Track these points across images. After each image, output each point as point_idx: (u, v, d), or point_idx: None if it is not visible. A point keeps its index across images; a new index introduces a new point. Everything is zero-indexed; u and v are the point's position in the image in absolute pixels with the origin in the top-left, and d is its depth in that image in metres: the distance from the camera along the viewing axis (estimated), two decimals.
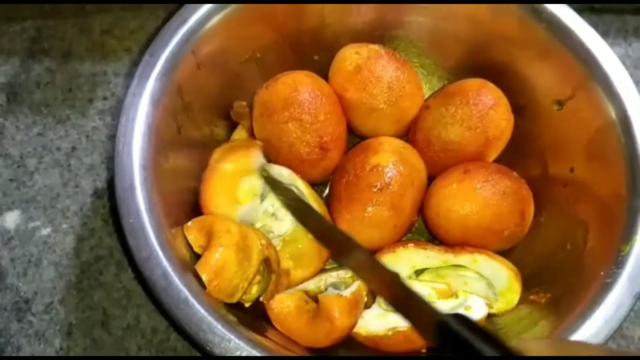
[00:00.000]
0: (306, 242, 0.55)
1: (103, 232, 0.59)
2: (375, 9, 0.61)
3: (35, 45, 0.67)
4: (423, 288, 0.53)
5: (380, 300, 0.53)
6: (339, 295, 0.49)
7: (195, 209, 0.53)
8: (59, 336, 0.55)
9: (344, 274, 0.54)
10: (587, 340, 0.45)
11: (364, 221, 0.53)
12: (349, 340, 0.51)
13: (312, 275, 0.55)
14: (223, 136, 0.60)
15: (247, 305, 0.50)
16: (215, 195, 0.52)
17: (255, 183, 0.54)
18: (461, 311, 0.51)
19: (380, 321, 0.51)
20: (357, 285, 0.51)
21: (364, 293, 0.52)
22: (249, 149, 0.55)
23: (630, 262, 0.47)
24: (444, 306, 0.52)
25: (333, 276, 0.54)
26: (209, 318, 0.43)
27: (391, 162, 0.54)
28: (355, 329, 0.51)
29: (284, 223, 0.56)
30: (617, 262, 0.47)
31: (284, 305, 0.51)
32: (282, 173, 0.56)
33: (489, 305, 0.52)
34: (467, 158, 0.57)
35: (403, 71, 0.58)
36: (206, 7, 0.53)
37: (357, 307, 0.50)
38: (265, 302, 0.51)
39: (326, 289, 0.52)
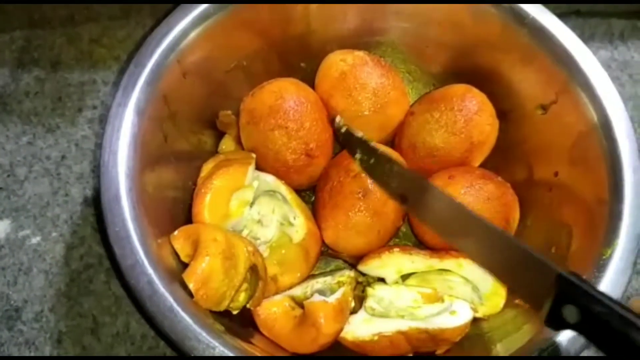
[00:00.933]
0: (292, 248, 0.55)
1: (93, 240, 0.60)
2: (361, 15, 0.61)
3: (24, 54, 0.67)
4: (409, 293, 0.54)
5: (366, 305, 0.54)
6: (324, 301, 0.50)
7: (182, 217, 0.54)
8: (49, 344, 0.56)
9: (331, 280, 0.54)
10: (569, 342, 0.45)
11: (348, 227, 0.54)
12: (336, 345, 0.52)
13: (299, 280, 0.56)
14: (210, 145, 0.60)
15: (234, 312, 0.50)
16: (207, 211, 0.52)
17: (247, 196, 0.54)
18: (446, 315, 0.52)
19: (367, 326, 0.52)
20: (343, 292, 0.51)
21: (350, 299, 0.52)
22: (244, 164, 0.54)
23: (612, 266, 0.47)
24: (430, 311, 0.53)
25: (319, 282, 0.54)
26: (194, 326, 0.43)
27: None
28: (342, 334, 0.51)
29: (270, 229, 0.56)
30: (599, 265, 0.47)
31: (270, 312, 0.51)
32: (267, 180, 0.56)
33: (475, 310, 0.53)
34: (452, 163, 0.57)
35: (388, 77, 0.59)
36: (191, 16, 0.53)
37: (342, 313, 0.50)
38: (252, 309, 0.51)
39: (312, 295, 0.53)
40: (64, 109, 0.65)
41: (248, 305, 0.51)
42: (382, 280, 0.55)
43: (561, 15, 0.56)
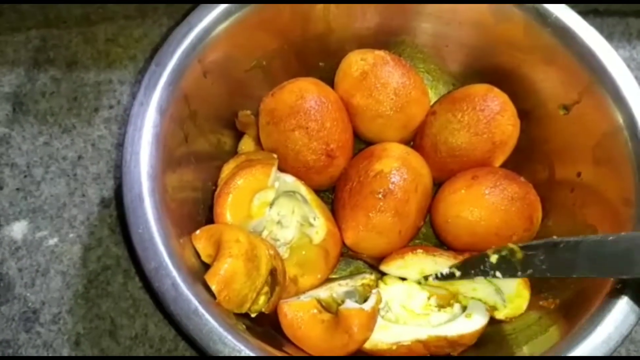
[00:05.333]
0: (312, 249, 0.55)
1: (110, 241, 0.59)
2: (380, 14, 0.61)
3: (40, 54, 0.67)
4: (422, 292, 0.54)
5: (383, 311, 0.53)
6: (361, 309, 0.49)
7: (201, 218, 0.53)
8: (67, 346, 0.55)
9: (353, 282, 0.54)
10: (597, 346, 0.44)
11: (369, 228, 0.53)
12: None
13: (320, 282, 0.55)
14: (230, 145, 0.59)
15: (253, 315, 0.50)
16: (230, 211, 0.51)
17: (268, 197, 0.53)
18: (462, 319, 0.51)
19: (384, 333, 0.51)
20: (375, 299, 0.50)
21: (379, 305, 0.51)
22: (267, 165, 0.53)
23: None
24: (440, 319, 0.52)
25: (343, 284, 0.53)
26: (219, 329, 0.43)
27: (394, 168, 0.54)
28: None
29: (289, 230, 0.56)
30: None
31: (298, 314, 0.50)
32: (286, 180, 0.56)
33: (491, 311, 0.52)
34: (474, 163, 0.57)
35: (409, 77, 0.58)
36: (212, 15, 0.53)
37: (374, 320, 0.50)
38: (266, 312, 0.50)
39: (342, 300, 0.52)
40: (80, 109, 0.65)
41: (264, 310, 0.50)
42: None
43: (579, 15, 0.55)
